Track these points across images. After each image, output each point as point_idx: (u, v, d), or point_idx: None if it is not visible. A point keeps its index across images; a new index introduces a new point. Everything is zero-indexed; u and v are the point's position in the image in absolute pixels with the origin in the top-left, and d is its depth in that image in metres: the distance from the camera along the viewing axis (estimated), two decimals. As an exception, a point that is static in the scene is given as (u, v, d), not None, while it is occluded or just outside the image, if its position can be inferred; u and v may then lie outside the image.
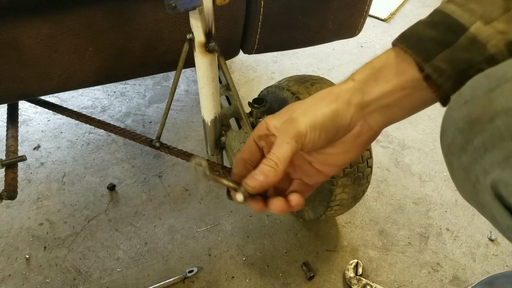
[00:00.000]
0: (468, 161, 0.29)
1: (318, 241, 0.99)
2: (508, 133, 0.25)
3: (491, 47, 0.31)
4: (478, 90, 0.28)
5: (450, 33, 0.33)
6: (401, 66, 0.36)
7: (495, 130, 0.26)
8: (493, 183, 0.27)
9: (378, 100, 0.38)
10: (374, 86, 0.37)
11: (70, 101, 1.33)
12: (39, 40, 0.57)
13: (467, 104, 0.29)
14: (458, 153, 0.30)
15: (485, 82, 0.28)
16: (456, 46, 0.32)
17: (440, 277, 0.94)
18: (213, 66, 0.59)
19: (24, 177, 1.10)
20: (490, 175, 0.27)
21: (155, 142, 0.78)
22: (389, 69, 0.36)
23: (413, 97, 0.36)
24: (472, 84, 0.29)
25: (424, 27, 0.35)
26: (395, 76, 0.36)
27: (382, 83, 0.37)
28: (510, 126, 0.25)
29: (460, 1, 0.33)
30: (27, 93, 0.64)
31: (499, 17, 0.31)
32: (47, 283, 0.90)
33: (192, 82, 1.44)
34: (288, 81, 0.82)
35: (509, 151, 0.25)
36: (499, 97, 0.26)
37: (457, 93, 0.31)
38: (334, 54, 1.59)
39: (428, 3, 1.92)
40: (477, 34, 0.32)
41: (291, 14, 0.70)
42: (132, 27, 0.61)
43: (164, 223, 1.02)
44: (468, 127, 0.28)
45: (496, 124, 0.26)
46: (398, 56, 0.36)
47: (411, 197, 1.09)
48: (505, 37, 0.31)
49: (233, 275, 0.92)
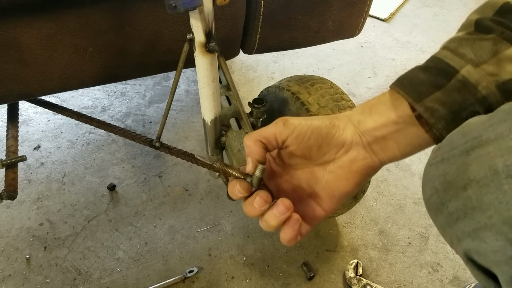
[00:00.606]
0: (444, 223, 0.30)
1: (318, 241, 0.99)
2: (479, 205, 0.26)
3: (482, 89, 0.33)
4: (454, 149, 0.29)
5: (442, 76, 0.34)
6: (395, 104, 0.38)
7: (467, 200, 0.26)
8: (466, 251, 0.28)
9: (373, 131, 0.39)
10: (369, 117, 0.40)
11: (70, 101, 1.33)
12: (39, 40, 0.57)
13: (443, 162, 0.29)
14: (435, 211, 0.31)
15: (462, 141, 0.28)
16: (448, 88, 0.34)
17: (440, 277, 0.94)
18: (213, 66, 0.59)
19: (24, 177, 1.10)
20: (462, 243, 0.28)
21: (155, 142, 0.78)
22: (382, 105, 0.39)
23: (408, 133, 0.38)
24: (451, 139, 0.30)
25: (418, 71, 0.37)
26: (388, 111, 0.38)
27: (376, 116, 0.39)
28: (481, 198, 0.25)
29: (452, 47, 0.35)
30: (27, 93, 0.64)
31: (488, 60, 0.32)
32: (47, 283, 0.90)
33: (192, 82, 1.44)
34: (288, 81, 0.82)
35: (479, 223, 0.26)
36: (472, 163, 0.26)
37: (437, 146, 0.32)
38: (334, 54, 1.59)
39: (428, 3, 1.92)
40: (467, 77, 0.33)
41: (291, 14, 0.70)
42: (132, 27, 0.61)
43: (164, 223, 1.02)
44: (443, 189, 0.29)
45: (468, 194, 0.26)
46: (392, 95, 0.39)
47: (411, 197, 1.09)
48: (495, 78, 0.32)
49: (233, 275, 0.92)
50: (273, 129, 0.39)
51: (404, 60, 1.57)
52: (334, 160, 0.41)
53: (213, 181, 1.11)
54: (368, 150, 0.40)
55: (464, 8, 1.89)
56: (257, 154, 0.39)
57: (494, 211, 0.24)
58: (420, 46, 1.65)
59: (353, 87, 1.45)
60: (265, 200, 0.38)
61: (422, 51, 1.63)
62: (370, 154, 0.40)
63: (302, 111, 0.76)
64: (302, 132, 0.39)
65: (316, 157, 0.41)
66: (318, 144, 0.40)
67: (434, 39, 1.69)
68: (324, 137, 0.40)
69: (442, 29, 1.75)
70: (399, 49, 1.64)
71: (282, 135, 0.39)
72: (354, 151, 0.40)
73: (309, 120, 0.40)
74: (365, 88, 1.45)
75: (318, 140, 0.40)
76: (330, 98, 0.76)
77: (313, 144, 0.40)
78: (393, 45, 1.66)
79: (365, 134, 0.40)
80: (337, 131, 0.40)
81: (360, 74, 1.51)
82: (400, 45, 1.65)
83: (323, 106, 0.75)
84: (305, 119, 0.40)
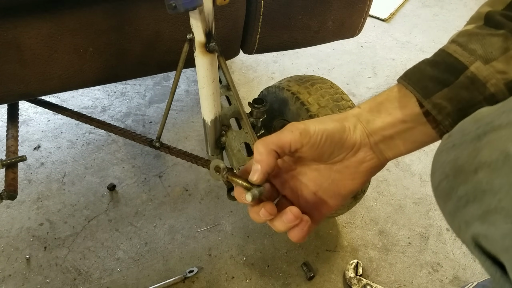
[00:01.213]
0: (452, 208, 0.29)
1: (318, 241, 0.99)
2: (489, 188, 0.25)
3: (491, 86, 0.33)
4: (466, 135, 0.29)
5: (451, 72, 0.34)
6: (403, 101, 0.38)
7: (477, 183, 0.26)
8: (474, 235, 0.27)
9: (381, 131, 0.39)
10: (377, 117, 0.39)
11: (70, 101, 1.33)
12: (39, 40, 0.57)
13: (454, 148, 0.29)
14: (444, 198, 0.31)
15: (474, 127, 0.28)
16: (456, 85, 0.34)
17: (440, 277, 0.94)
18: (213, 66, 0.59)
19: (24, 177, 1.10)
20: (471, 227, 0.27)
21: (155, 142, 0.78)
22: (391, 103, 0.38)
23: (415, 131, 0.38)
24: (462, 126, 0.30)
25: (426, 66, 0.37)
26: (396, 110, 0.38)
27: (385, 115, 0.39)
28: (491, 181, 0.25)
29: (462, 41, 0.35)
30: (27, 93, 0.64)
31: (498, 57, 0.32)
32: (47, 283, 0.90)
33: (192, 82, 1.44)
34: (289, 81, 0.82)
35: (489, 206, 0.25)
36: (484, 148, 0.26)
37: (448, 134, 0.32)
38: (334, 54, 1.59)
39: (428, 3, 1.92)
40: (476, 73, 0.33)
41: (291, 14, 0.70)
42: (133, 27, 0.61)
43: (164, 223, 1.02)
44: (453, 174, 0.29)
45: (479, 177, 0.26)
46: (400, 91, 0.38)
47: (411, 197, 1.09)
48: (505, 76, 0.32)
49: (233, 275, 0.92)
50: (288, 138, 0.39)
51: (404, 60, 1.58)
52: (341, 161, 0.41)
53: (213, 181, 1.11)
54: (375, 149, 0.40)
55: (464, 8, 1.89)
56: (268, 166, 0.38)
57: (505, 194, 0.24)
58: (420, 46, 1.65)
59: (353, 87, 1.45)
60: (270, 213, 0.38)
61: (422, 51, 1.63)
62: (377, 153, 0.41)
63: (302, 111, 0.76)
64: (317, 141, 0.39)
65: (325, 159, 0.41)
66: (331, 150, 0.40)
67: (434, 39, 1.69)
68: (337, 142, 0.40)
69: (442, 29, 1.75)
70: (399, 49, 1.64)
71: (297, 144, 0.39)
72: (362, 152, 0.40)
73: (322, 124, 0.39)
74: (365, 88, 1.45)
75: (331, 146, 0.40)
76: (330, 98, 0.76)
77: (326, 150, 0.40)
78: (393, 45, 1.66)
79: (373, 134, 0.40)
80: (348, 134, 0.40)
81: (360, 74, 1.51)
82: (400, 45, 1.65)
83: (323, 106, 0.75)
84: (318, 124, 0.39)
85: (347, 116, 0.41)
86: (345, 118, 0.40)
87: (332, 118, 0.41)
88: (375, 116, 0.39)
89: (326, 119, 0.40)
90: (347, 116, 0.41)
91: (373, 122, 0.39)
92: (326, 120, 0.40)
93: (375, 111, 0.40)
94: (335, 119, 0.40)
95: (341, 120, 0.40)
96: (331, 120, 0.40)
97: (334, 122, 0.40)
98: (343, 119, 0.40)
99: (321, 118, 0.41)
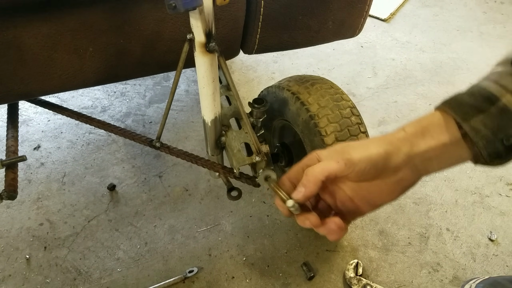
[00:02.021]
0: None
1: (318, 241, 0.99)
2: None
3: None
4: None
5: (485, 102, 0.40)
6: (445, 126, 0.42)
7: None
8: None
9: (424, 154, 0.42)
10: (421, 140, 0.42)
11: (70, 101, 1.34)
12: (39, 40, 0.57)
13: None
14: None
15: None
16: (490, 113, 0.39)
17: (440, 277, 0.94)
18: (213, 66, 0.59)
19: (24, 177, 1.10)
20: None
21: (155, 142, 0.78)
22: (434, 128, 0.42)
23: (451, 153, 0.42)
24: None
25: (463, 95, 0.42)
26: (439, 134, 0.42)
27: (429, 139, 0.42)
28: None
29: (494, 78, 0.41)
30: (27, 93, 0.64)
31: None
32: (47, 283, 0.90)
33: (192, 82, 1.44)
34: (289, 81, 0.82)
35: None
36: None
37: None
38: (334, 54, 1.59)
39: (428, 3, 1.92)
40: (507, 105, 0.38)
41: (291, 14, 0.70)
42: (132, 27, 0.61)
43: (164, 223, 1.02)
44: None
45: None
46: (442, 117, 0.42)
47: (411, 197, 1.09)
48: None
49: (233, 275, 0.92)
50: (335, 168, 0.42)
51: (404, 60, 1.57)
52: (381, 179, 0.44)
53: (213, 181, 1.11)
54: (413, 169, 0.43)
55: (464, 8, 1.89)
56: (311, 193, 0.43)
57: None
58: (420, 46, 1.65)
59: (353, 87, 1.45)
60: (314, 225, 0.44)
61: (422, 51, 1.63)
62: (415, 173, 0.44)
63: (302, 111, 0.76)
64: (361, 169, 0.42)
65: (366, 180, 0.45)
66: (374, 175, 0.43)
67: (434, 39, 1.69)
68: (380, 169, 0.43)
69: (442, 29, 1.75)
70: (399, 49, 1.64)
71: (342, 173, 0.43)
72: (402, 172, 0.43)
73: (366, 151, 0.42)
74: (365, 88, 1.45)
75: (375, 173, 0.43)
76: (330, 98, 0.76)
77: (369, 176, 0.43)
78: (393, 45, 1.66)
79: (415, 157, 0.43)
80: (392, 161, 0.43)
81: (360, 74, 1.51)
82: (400, 45, 1.65)
83: (323, 106, 0.75)
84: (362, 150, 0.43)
85: (392, 140, 0.43)
86: (390, 143, 0.43)
87: (376, 143, 0.43)
88: (419, 139, 0.42)
89: (370, 144, 0.43)
90: (391, 140, 0.43)
91: (418, 145, 0.42)
92: (370, 146, 0.43)
93: (420, 134, 0.43)
94: (379, 144, 0.43)
95: (386, 145, 0.43)
96: (375, 145, 0.43)
97: (378, 148, 0.42)
98: (387, 144, 0.43)
99: (365, 142, 0.44)
